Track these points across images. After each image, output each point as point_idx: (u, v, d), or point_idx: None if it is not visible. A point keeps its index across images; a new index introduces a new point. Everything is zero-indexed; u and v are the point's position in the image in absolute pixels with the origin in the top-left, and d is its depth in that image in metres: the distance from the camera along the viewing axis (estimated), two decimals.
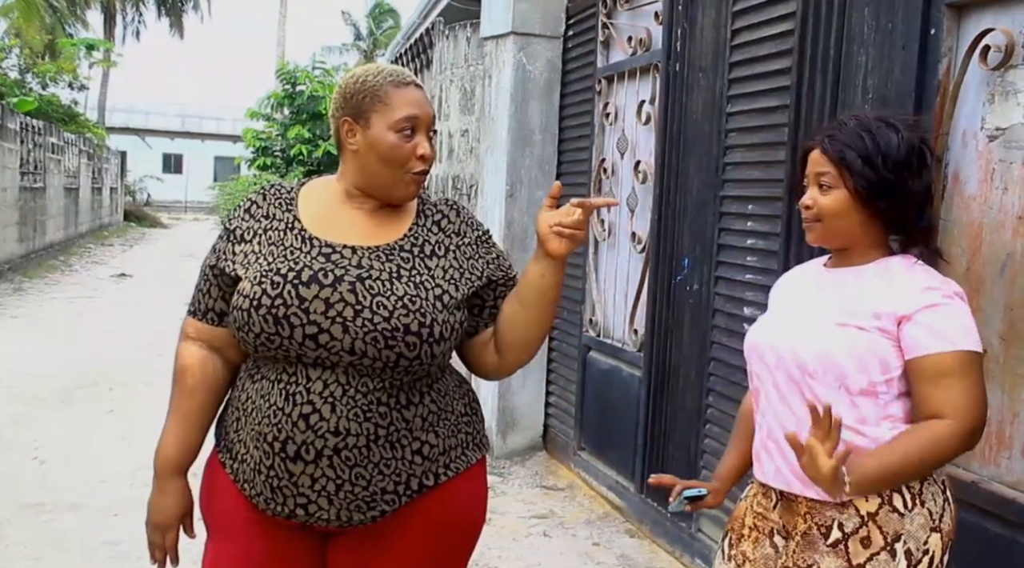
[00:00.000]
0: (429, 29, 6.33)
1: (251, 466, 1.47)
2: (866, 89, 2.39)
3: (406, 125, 1.49)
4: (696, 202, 3.26)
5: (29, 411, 5.21)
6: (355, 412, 1.43)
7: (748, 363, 1.71)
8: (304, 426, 1.42)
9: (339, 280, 1.44)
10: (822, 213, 1.58)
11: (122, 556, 3.27)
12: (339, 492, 1.44)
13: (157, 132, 33.66)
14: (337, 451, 1.42)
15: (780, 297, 1.77)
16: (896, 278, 1.54)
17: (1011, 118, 2.01)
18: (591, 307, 4.20)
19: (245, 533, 1.53)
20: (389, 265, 1.49)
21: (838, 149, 1.55)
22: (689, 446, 3.29)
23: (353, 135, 1.51)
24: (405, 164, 1.50)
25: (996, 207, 2.04)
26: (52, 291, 10.77)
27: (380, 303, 1.42)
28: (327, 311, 1.41)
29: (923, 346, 1.48)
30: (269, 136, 15.74)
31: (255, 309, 1.43)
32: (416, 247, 1.54)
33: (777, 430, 1.61)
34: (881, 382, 1.51)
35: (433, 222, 1.59)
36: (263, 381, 1.48)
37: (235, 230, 1.56)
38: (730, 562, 1.70)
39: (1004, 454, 2.03)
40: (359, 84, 1.52)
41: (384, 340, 1.41)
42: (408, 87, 1.52)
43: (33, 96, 15.74)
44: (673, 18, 3.39)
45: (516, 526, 3.66)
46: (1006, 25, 2.02)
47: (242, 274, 1.50)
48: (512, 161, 4.47)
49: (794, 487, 1.58)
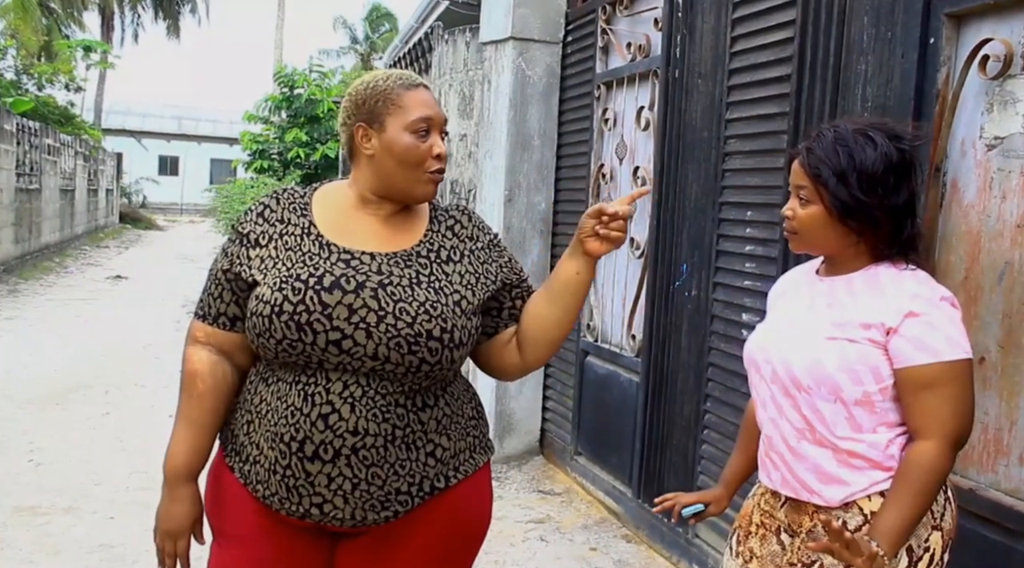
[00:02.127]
0: (428, 33, 6.34)
1: (265, 467, 1.48)
2: (865, 97, 2.40)
3: (422, 125, 1.51)
4: (695, 208, 3.26)
5: (24, 413, 5.19)
6: (374, 412, 1.45)
7: (748, 373, 1.72)
8: (323, 426, 1.43)
9: (361, 286, 1.45)
10: (799, 226, 1.59)
11: (117, 559, 3.26)
12: (355, 491, 1.46)
13: (153, 134, 33.61)
14: (355, 450, 1.44)
15: (776, 303, 1.77)
16: (884, 287, 1.54)
17: (1009, 127, 2.02)
18: (589, 312, 4.20)
19: (254, 537, 1.53)
20: (408, 271, 1.50)
21: (814, 164, 1.54)
22: (687, 452, 3.29)
23: (368, 140, 1.53)
24: (423, 164, 1.52)
25: (994, 216, 2.05)
26: (47, 293, 10.74)
27: (403, 309, 1.44)
28: (350, 317, 1.43)
29: (907, 358, 1.49)
30: (266, 139, 15.73)
31: (277, 315, 1.43)
32: (433, 252, 1.56)
33: (778, 441, 1.63)
34: (875, 391, 1.52)
35: (447, 228, 1.61)
36: (279, 383, 1.48)
37: (248, 234, 1.55)
38: (738, 558, 1.73)
39: (1002, 461, 2.04)
40: (370, 90, 1.53)
41: (408, 345, 1.43)
42: (419, 89, 1.54)
43: (29, 97, 15.71)
44: (672, 24, 3.40)
45: (513, 531, 3.66)
46: (1005, 35, 2.04)
47: (260, 279, 1.50)
48: (511, 166, 4.48)
49: (801, 495, 1.60)
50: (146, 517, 3.58)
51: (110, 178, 23.35)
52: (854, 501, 1.54)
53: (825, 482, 1.57)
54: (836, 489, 1.56)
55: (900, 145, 1.54)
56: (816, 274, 1.68)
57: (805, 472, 1.58)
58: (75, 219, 17.45)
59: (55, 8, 22.11)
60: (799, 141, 2.63)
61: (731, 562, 1.75)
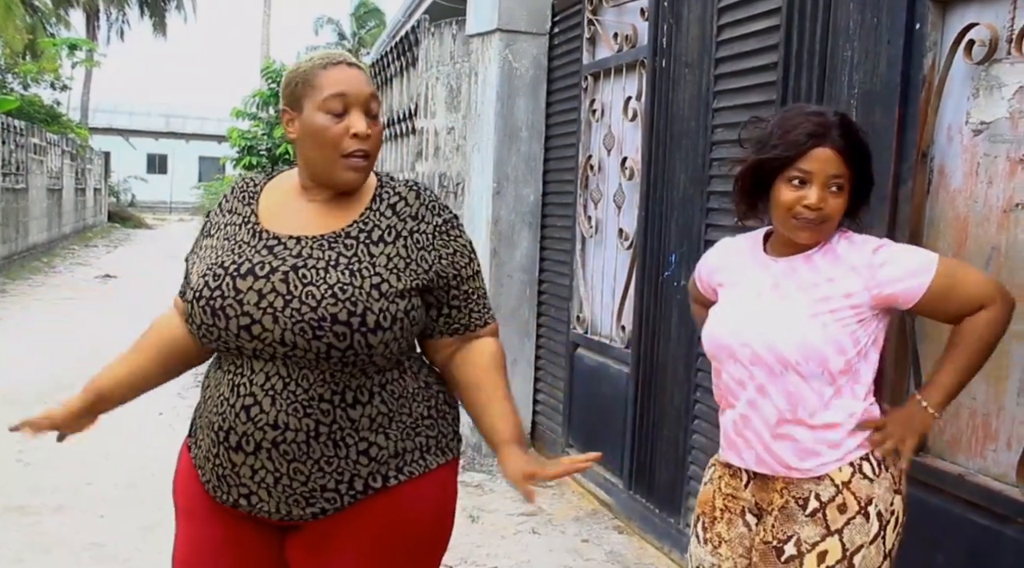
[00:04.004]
0: (415, 27, 6.30)
1: (203, 452, 1.50)
2: (852, 84, 2.40)
3: (335, 104, 1.45)
4: (683, 198, 3.26)
5: (12, 412, 5.11)
6: (295, 406, 1.42)
7: (715, 359, 1.72)
8: (245, 417, 1.43)
9: (273, 271, 1.43)
10: (831, 214, 1.58)
11: (107, 558, 3.24)
12: (277, 485, 1.44)
13: (141, 132, 33.40)
14: (275, 444, 1.42)
15: (729, 286, 1.75)
16: (847, 256, 1.60)
17: (995, 112, 2.02)
18: (578, 304, 4.20)
19: (208, 516, 1.55)
20: (329, 253, 1.45)
21: (858, 154, 1.58)
22: (677, 442, 3.29)
23: (292, 124, 1.51)
24: (338, 145, 1.45)
25: (981, 201, 2.05)
26: (35, 293, 10.67)
27: (309, 292, 1.40)
28: (259, 302, 1.41)
29: (916, 289, 1.56)
30: (255, 135, 15.64)
31: (196, 301, 1.46)
32: (364, 233, 1.48)
33: (757, 421, 1.65)
34: (854, 356, 1.59)
35: (388, 205, 1.51)
36: (218, 371, 1.51)
37: (207, 225, 1.61)
38: (707, 544, 1.75)
39: (990, 447, 2.04)
40: (292, 73, 1.52)
41: (311, 330, 1.38)
42: (338, 66, 1.48)
43: (14, 96, 15.59)
44: (659, 14, 3.39)
45: (504, 523, 3.66)
46: (990, 19, 2.03)
47: (195, 269, 1.54)
48: (498, 158, 4.46)
49: (778, 472, 1.64)
50: (137, 515, 3.59)
51: (98, 177, 23.22)
52: (826, 473, 1.60)
53: (803, 457, 1.61)
54: (812, 462, 1.61)
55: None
56: (765, 254, 1.69)
57: (784, 450, 1.62)
58: (63, 219, 17.35)
59: (39, 6, 21.92)
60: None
61: (699, 549, 1.76)
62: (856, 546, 1.56)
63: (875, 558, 1.57)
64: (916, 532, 2.18)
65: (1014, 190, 1.98)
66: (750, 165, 1.64)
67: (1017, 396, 1.98)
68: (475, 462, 4.38)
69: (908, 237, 2.20)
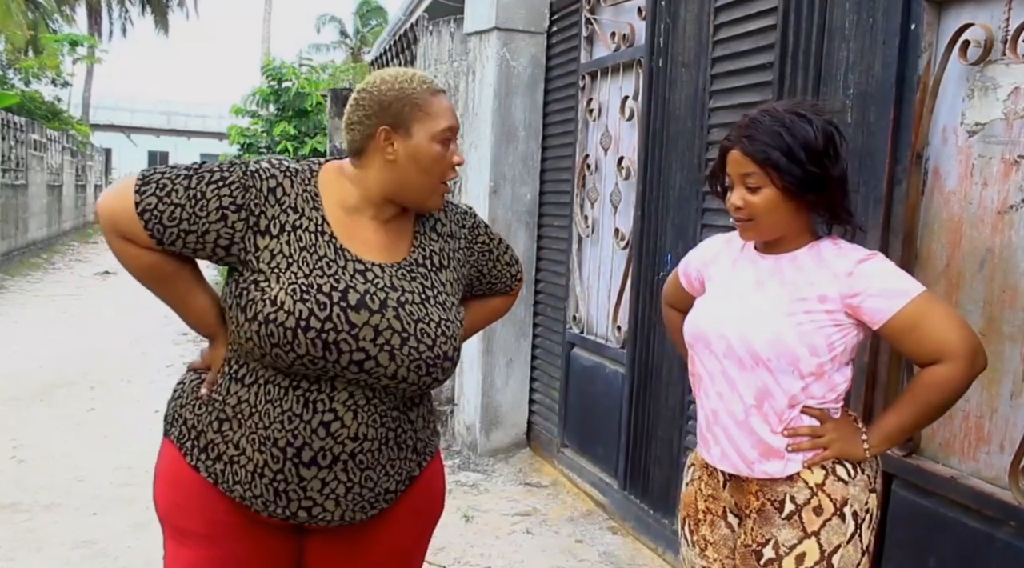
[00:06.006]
0: (413, 25, 6.29)
1: (249, 469, 1.43)
2: (847, 84, 2.38)
3: (449, 135, 1.49)
4: (679, 198, 3.25)
5: (8, 410, 5.15)
6: (374, 418, 1.46)
7: (692, 349, 1.74)
8: (324, 433, 1.42)
9: (384, 305, 1.43)
10: (754, 212, 1.60)
11: (98, 555, 3.24)
12: (348, 494, 1.46)
13: (142, 129, 33.44)
14: (352, 456, 1.44)
15: (710, 274, 1.79)
16: (831, 261, 1.59)
17: (990, 113, 2.01)
18: (574, 304, 4.18)
19: (225, 535, 1.49)
20: (414, 285, 1.49)
21: (760, 149, 1.57)
22: (672, 442, 3.28)
23: (392, 144, 1.46)
24: (444, 174, 1.51)
25: (976, 202, 2.04)
26: (34, 289, 10.67)
27: (423, 330, 1.45)
28: (376, 338, 1.40)
29: (885, 311, 1.53)
30: (255, 133, 15.63)
31: (303, 331, 1.36)
32: (427, 259, 1.55)
33: (724, 416, 1.66)
34: (827, 361, 1.58)
35: (430, 228, 1.59)
36: (269, 386, 1.42)
37: (260, 219, 1.42)
38: (694, 547, 1.77)
39: (983, 449, 2.03)
40: (397, 91, 1.46)
41: (427, 367, 1.45)
42: (442, 95, 1.51)
43: (15, 92, 15.58)
44: (656, 13, 3.38)
45: (499, 523, 3.65)
46: (985, 20, 2.02)
47: (271, 279, 1.40)
48: (496, 157, 4.45)
49: (741, 470, 1.65)
50: (129, 513, 3.58)
51: (99, 174, 23.23)
52: (798, 474, 1.60)
53: (766, 456, 1.61)
54: (776, 463, 1.61)
55: (828, 119, 1.61)
56: (756, 251, 1.71)
57: (748, 447, 1.63)
58: (63, 215, 17.35)
59: (41, 2, 21.92)
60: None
61: (690, 552, 1.79)
62: (834, 547, 1.57)
63: (853, 555, 1.58)
64: (909, 534, 2.17)
65: (1008, 191, 1.97)
66: (709, 173, 1.71)
67: (1010, 399, 1.97)
68: (470, 462, 4.38)
69: (903, 239, 2.19)
